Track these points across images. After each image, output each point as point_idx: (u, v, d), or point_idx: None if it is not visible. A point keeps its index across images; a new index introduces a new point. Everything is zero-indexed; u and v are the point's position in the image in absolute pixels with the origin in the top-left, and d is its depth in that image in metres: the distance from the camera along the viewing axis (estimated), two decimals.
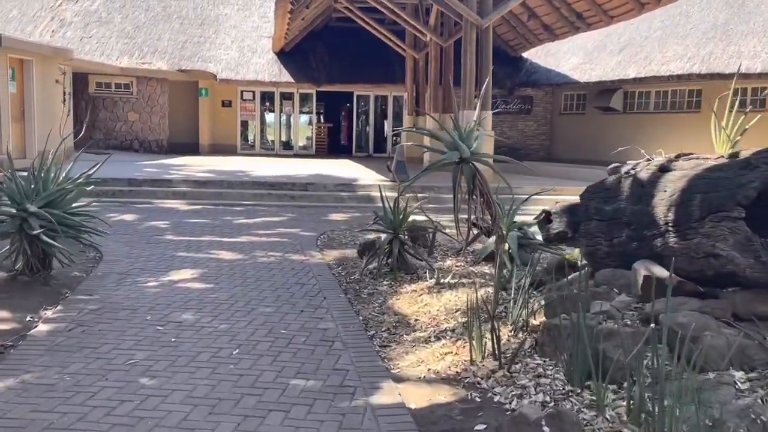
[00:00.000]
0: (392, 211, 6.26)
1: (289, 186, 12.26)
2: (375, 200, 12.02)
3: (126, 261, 6.66)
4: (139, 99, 19.60)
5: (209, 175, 13.28)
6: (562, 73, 20.63)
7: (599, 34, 20.37)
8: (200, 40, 21.09)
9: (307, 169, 15.55)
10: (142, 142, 19.72)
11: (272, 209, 11.07)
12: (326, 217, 10.44)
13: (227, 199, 11.65)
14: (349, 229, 9.19)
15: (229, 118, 21.59)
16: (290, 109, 22.03)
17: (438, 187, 12.47)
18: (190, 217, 9.98)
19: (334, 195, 11.97)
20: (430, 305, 5.08)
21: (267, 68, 20.56)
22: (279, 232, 8.83)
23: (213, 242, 7.87)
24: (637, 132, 19.65)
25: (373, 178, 13.39)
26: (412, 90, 18.89)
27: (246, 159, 18.85)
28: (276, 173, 14.09)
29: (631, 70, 18.19)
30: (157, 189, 11.83)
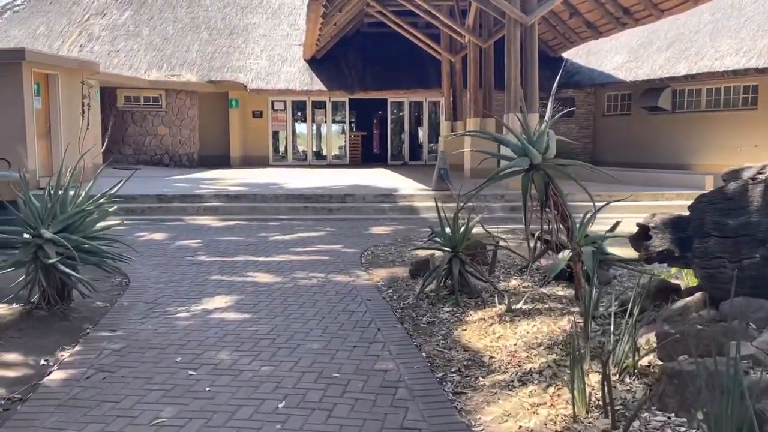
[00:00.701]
0: (451, 226, 5.53)
1: (326, 198, 11.63)
2: (418, 211, 11.35)
3: (155, 287, 6.06)
4: (169, 112, 19.27)
5: (241, 189, 12.75)
6: (605, 73, 19.70)
7: (644, 30, 19.43)
8: (229, 50, 20.72)
9: (343, 180, 14.94)
10: (172, 157, 19.37)
11: (309, 223, 10.44)
12: (367, 230, 9.77)
13: (261, 214, 11.07)
14: (393, 243, 8.50)
15: (260, 129, 21.16)
16: (322, 118, 21.52)
17: (484, 195, 11.68)
18: (223, 234, 9.40)
19: (374, 206, 11.31)
20: (505, 338, 4.34)
21: (298, 77, 20.08)
22: (318, 249, 8.18)
23: (248, 262, 7.25)
24: (688, 132, 18.62)
25: (414, 188, 12.69)
26: (449, 95, 18.19)
27: (278, 171, 18.35)
28: (311, 185, 13.49)
29: (682, 66, 17.20)
30: (188, 205, 11.32)
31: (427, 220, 10.72)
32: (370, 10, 17.09)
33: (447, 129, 18.26)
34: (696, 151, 18.46)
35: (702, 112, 18.23)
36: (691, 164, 18.37)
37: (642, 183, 13.28)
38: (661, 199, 11.80)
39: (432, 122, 22.29)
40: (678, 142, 18.91)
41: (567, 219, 4.97)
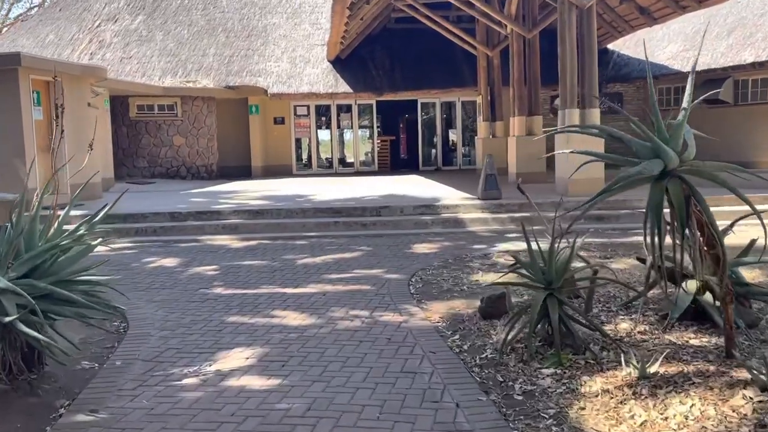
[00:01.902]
0: (543, 256, 4.28)
1: (359, 211, 10.43)
2: (464, 224, 10.08)
3: (158, 335, 4.90)
4: (185, 121, 18.29)
5: (264, 203, 11.60)
6: (658, 64, 18.23)
7: (699, 16, 17.94)
8: (248, 53, 19.71)
9: (374, 189, 13.73)
10: (189, 168, 18.37)
11: (341, 241, 9.25)
12: (410, 249, 8.54)
13: (287, 231, 9.91)
14: (444, 266, 7.26)
15: (282, 137, 20.10)
16: (348, 122, 20.38)
17: (539, 203, 10.36)
18: (244, 257, 8.24)
19: (413, 220, 10.07)
20: (652, 426, 3.03)
21: (322, 79, 18.97)
22: (356, 274, 6.96)
23: (274, 296, 6.06)
24: (754, 127, 17.07)
25: (457, 197, 11.43)
26: (486, 93, 16.90)
27: (303, 180, 17.22)
28: (340, 196, 12.31)
29: (748, 54, 15.70)
30: (205, 223, 10.20)
31: (476, 235, 9.46)
32: (398, 3, 15.91)
33: (485, 130, 16.97)
34: (762, 147, 16.91)
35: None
36: (756, 162, 16.82)
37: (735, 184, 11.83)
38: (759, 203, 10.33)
39: (465, 124, 21.01)
40: (741, 137, 17.35)
41: (717, 244, 3.65)
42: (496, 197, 10.64)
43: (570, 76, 10.71)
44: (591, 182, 10.52)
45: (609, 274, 5.60)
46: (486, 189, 10.63)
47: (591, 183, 10.51)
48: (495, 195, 10.63)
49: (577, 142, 10.62)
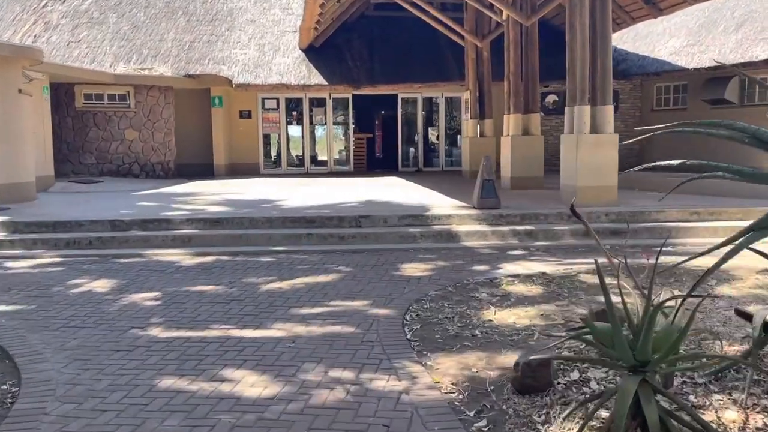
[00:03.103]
0: (630, 318, 2.98)
1: (335, 221, 9.07)
2: (458, 238, 8.78)
3: (55, 415, 3.50)
4: (139, 113, 16.69)
5: (224, 210, 10.17)
6: (660, 60, 17.21)
7: (704, 9, 16.96)
8: (211, 39, 18.20)
9: (352, 193, 12.38)
10: (143, 166, 16.78)
11: (315, 258, 7.89)
12: (397, 270, 7.21)
13: (250, 245, 8.51)
14: (444, 295, 5.95)
15: (248, 132, 18.61)
16: (322, 117, 18.99)
17: (545, 215, 9.19)
18: (195, 279, 6.83)
19: (399, 232, 8.74)
20: None
21: (293, 69, 17.55)
22: (335, 308, 5.61)
23: (227, 343, 4.69)
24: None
25: (448, 205, 10.14)
26: (474, 88, 15.66)
27: (271, 181, 15.79)
28: (313, 201, 10.93)
29: (760, 49, 14.71)
30: (151, 233, 8.75)
31: (474, 252, 8.18)
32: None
33: (473, 129, 15.73)
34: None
35: None
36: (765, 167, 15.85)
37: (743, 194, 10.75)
38: None
39: (449, 121, 19.78)
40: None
41: None
42: (495, 206, 9.38)
43: (581, 67, 9.50)
44: (603, 191, 9.37)
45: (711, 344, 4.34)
46: (483, 197, 9.37)
47: (603, 192, 9.36)
48: (493, 204, 9.37)
49: (590, 145, 9.44)
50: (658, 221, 9.14)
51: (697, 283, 2.87)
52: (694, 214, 9.21)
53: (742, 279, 6.30)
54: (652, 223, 9.06)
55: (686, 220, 9.16)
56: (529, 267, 7.24)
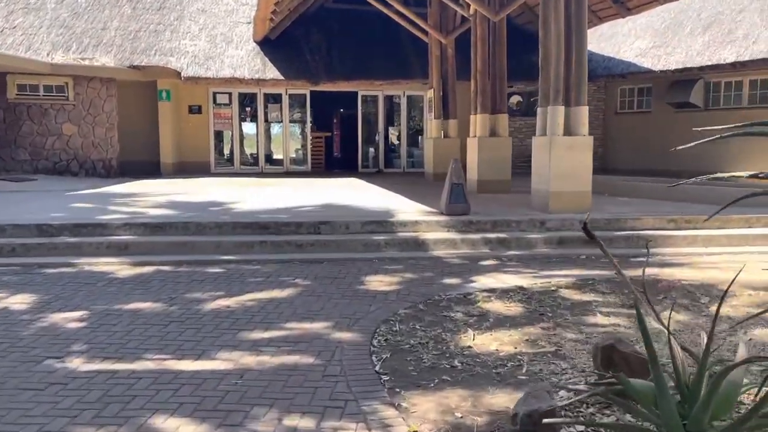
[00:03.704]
0: (677, 370, 2.38)
1: (292, 227, 8.35)
2: (426, 246, 8.17)
3: None
4: (78, 106, 15.61)
5: (169, 213, 9.34)
6: (626, 61, 17.00)
7: (670, 10, 16.85)
8: (158, 28, 17.20)
9: (310, 195, 11.68)
10: (82, 163, 15.71)
11: (269, 269, 7.18)
12: (361, 283, 6.56)
13: (196, 253, 7.74)
14: (415, 315, 5.33)
15: (199, 129, 17.69)
16: (278, 114, 18.19)
17: (517, 222, 8.66)
18: (130, 295, 6.04)
19: (362, 240, 8.09)
20: None
21: (247, 62, 16.71)
22: (291, 331, 4.93)
23: (161, 378, 3.96)
24: None
25: (414, 210, 9.53)
26: (438, 86, 15.12)
27: (223, 182, 14.94)
28: (268, 204, 10.18)
29: (728, 52, 14.58)
30: (84, 240, 7.89)
31: (443, 262, 7.59)
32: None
33: (436, 129, 15.19)
34: (736, 158, 15.88)
35: (744, 110, 15.67)
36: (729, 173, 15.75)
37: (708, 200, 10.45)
38: (757, 225, 8.95)
39: (411, 121, 19.22)
40: (712, 146, 16.30)
41: None
42: (464, 212, 8.81)
43: (555, 65, 9.01)
44: (577, 197, 8.91)
45: None
46: (451, 202, 8.79)
47: (577, 197, 8.89)
48: (463, 209, 8.80)
49: (563, 148, 8.96)
50: (634, 229, 8.72)
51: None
52: (671, 222, 8.83)
53: (736, 296, 5.85)
54: (628, 232, 8.63)
55: (663, 228, 8.76)
56: (504, 280, 6.69)
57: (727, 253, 8.14)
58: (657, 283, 6.43)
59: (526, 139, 18.01)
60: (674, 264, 7.55)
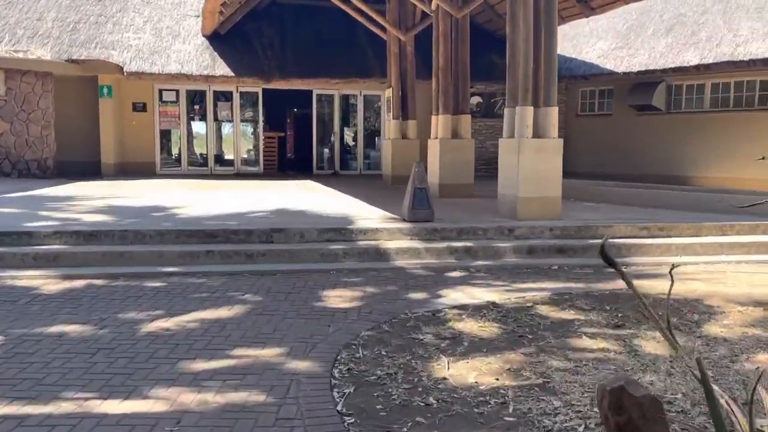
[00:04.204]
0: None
1: (242, 235, 7.72)
2: (388, 256, 7.63)
3: None
4: (10, 101, 14.58)
5: (106, 219, 8.58)
6: (588, 63, 16.83)
7: (632, 11, 16.76)
8: (99, 20, 16.27)
9: (262, 199, 11.03)
10: (15, 163, 14.69)
11: (216, 282, 6.54)
12: (319, 299, 5.99)
13: (134, 265, 7.04)
14: (380, 339, 4.80)
15: (143, 128, 16.80)
16: (228, 113, 17.43)
17: (483, 229, 8.22)
18: (55, 315, 5.34)
19: (319, 250, 7.51)
20: None
21: (195, 57, 15.92)
22: (239, 360, 4.34)
23: (81, 425, 3.34)
24: (688, 137, 16.00)
25: (374, 216, 9.00)
26: (397, 85, 14.64)
27: (169, 184, 14.14)
28: (216, 210, 9.50)
29: (692, 54, 14.51)
30: (7, 250, 7.10)
31: (407, 274, 7.08)
32: None
33: (395, 130, 14.71)
34: (698, 161, 15.89)
35: (706, 113, 15.67)
36: (690, 177, 15.78)
37: (676, 205, 10.24)
38: (731, 233, 8.71)
39: (368, 121, 18.70)
40: (674, 148, 16.29)
41: None
42: (428, 219, 8.32)
43: (524, 64, 8.60)
44: (546, 203, 8.53)
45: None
46: (414, 207, 8.28)
47: (546, 204, 8.51)
48: (426, 216, 8.31)
49: (533, 151, 8.56)
50: (608, 237, 8.34)
51: None
52: (644, 230, 8.51)
53: (725, 313, 5.50)
54: (601, 240, 8.24)
55: (636, 236, 8.44)
56: (475, 294, 6.21)
57: (703, 263, 7.86)
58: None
59: (486, 141, 17.71)
60: (651, 275, 7.20)
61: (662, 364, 4.12)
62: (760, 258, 8.10)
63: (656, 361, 4.19)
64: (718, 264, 7.84)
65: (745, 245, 8.34)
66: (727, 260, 7.95)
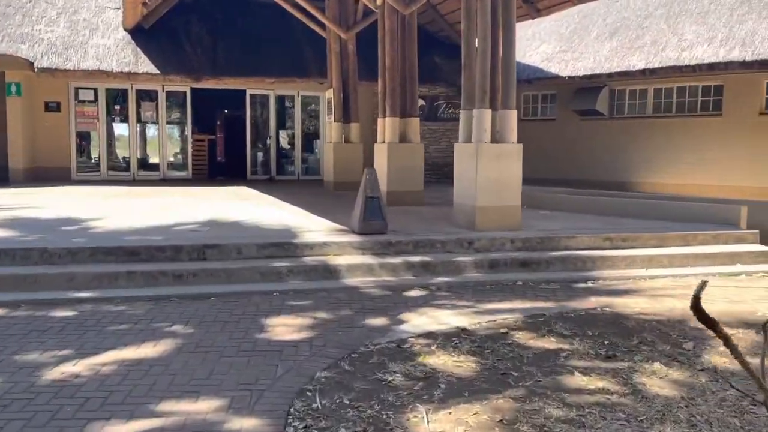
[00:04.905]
0: None
1: (170, 253, 6.78)
2: (339, 274, 6.86)
3: None
4: None
5: (7, 235, 7.45)
6: (532, 66, 16.53)
7: (575, 14, 16.58)
8: (7, 10, 14.86)
9: (192, 209, 10.05)
10: None
11: (139, 310, 5.62)
12: (263, 329, 5.18)
13: (40, 290, 6.03)
14: (340, 381, 4.05)
15: (57, 129, 15.44)
16: (153, 113, 16.23)
17: (442, 242, 7.59)
18: None
19: (259, 268, 6.66)
20: None
21: (116, 53, 14.70)
22: (165, 418, 3.50)
23: None
24: (631, 143, 15.90)
25: (320, 228, 8.20)
26: (339, 86, 13.88)
27: (86, 191, 12.91)
28: (139, 222, 8.48)
29: (637, 59, 14.38)
30: None
31: (363, 295, 6.34)
32: None
33: (337, 133, 13.94)
34: (641, 166, 15.81)
35: (649, 118, 15.61)
36: (633, 183, 15.69)
37: (634, 213, 9.89)
38: (694, 243, 8.36)
39: (306, 124, 17.85)
40: (617, 154, 16.18)
41: None
42: (381, 230, 7.60)
43: (481, 62, 8.01)
44: (506, 212, 7.96)
45: None
46: (366, 218, 7.54)
47: (506, 213, 7.95)
48: (379, 227, 7.59)
49: (492, 156, 7.98)
50: (569, 249, 7.86)
51: None
52: (607, 241, 8.05)
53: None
54: (563, 252, 7.75)
55: (599, 247, 7.97)
56: (441, 319, 5.53)
57: (671, 276, 7.45)
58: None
59: (430, 146, 17.17)
60: (622, 291, 6.71)
61: (679, 411, 3.52)
62: (727, 270, 7.76)
63: (670, 407, 3.59)
64: (686, 277, 7.45)
65: (709, 256, 8.00)
66: (695, 273, 7.56)
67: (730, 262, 8.01)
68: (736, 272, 7.70)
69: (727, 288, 6.94)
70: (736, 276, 7.58)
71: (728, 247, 8.33)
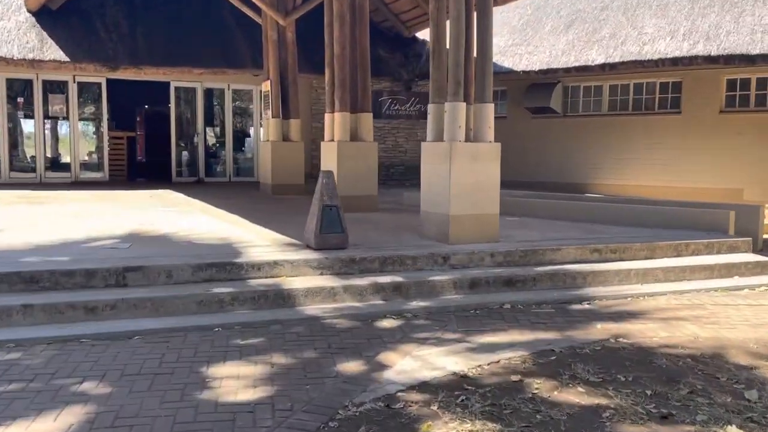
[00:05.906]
0: None
1: (80, 278, 5.44)
2: (293, 301, 5.64)
3: None
4: None
5: None
6: None
7: (527, 6, 15.89)
8: None
9: (109, 218, 8.63)
10: None
11: (36, 360, 4.34)
12: (204, 384, 4.00)
13: None
14: None
15: None
16: (63, 107, 14.48)
17: (412, 258, 6.54)
18: None
19: (195, 296, 5.42)
20: None
21: (17, 37, 12.97)
22: None
23: None
24: (586, 142, 15.37)
25: (265, 240, 7.00)
26: (277, 78, 12.63)
27: None
28: (42, 237, 7.05)
29: (596, 53, 13.77)
30: None
31: (327, 328, 5.21)
32: None
33: (275, 130, 12.69)
34: (596, 167, 15.28)
35: (604, 116, 15.10)
36: (589, 184, 15.14)
37: (611, 219, 9.14)
38: (686, 253, 7.63)
39: (238, 120, 16.47)
40: (572, 154, 15.60)
41: None
42: (341, 245, 6.47)
43: (454, 50, 7.01)
44: (483, 221, 7.00)
45: None
46: (323, 231, 6.40)
47: (483, 223, 6.99)
48: (339, 241, 6.46)
49: (467, 158, 6.99)
50: (555, 263, 6.96)
51: None
52: (595, 252, 7.20)
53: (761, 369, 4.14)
54: (549, 267, 6.84)
55: (588, 260, 7.11)
56: (429, 360, 4.49)
57: (671, 292, 6.67)
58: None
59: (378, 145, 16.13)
60: (626, 314, 5.84)
61: None
62: (726, 284, 7.06)
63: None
64: (687, 293, 6.68)
65: (706, 268, 7.28)
66: (696, 288, 6.81)
67: (728, 274, 7.32)
68: (738, 286, 7.00)
69: (739, 307, 6.20)
70: (740, 291, 6.87)
71: (723, 257, 7.65)
